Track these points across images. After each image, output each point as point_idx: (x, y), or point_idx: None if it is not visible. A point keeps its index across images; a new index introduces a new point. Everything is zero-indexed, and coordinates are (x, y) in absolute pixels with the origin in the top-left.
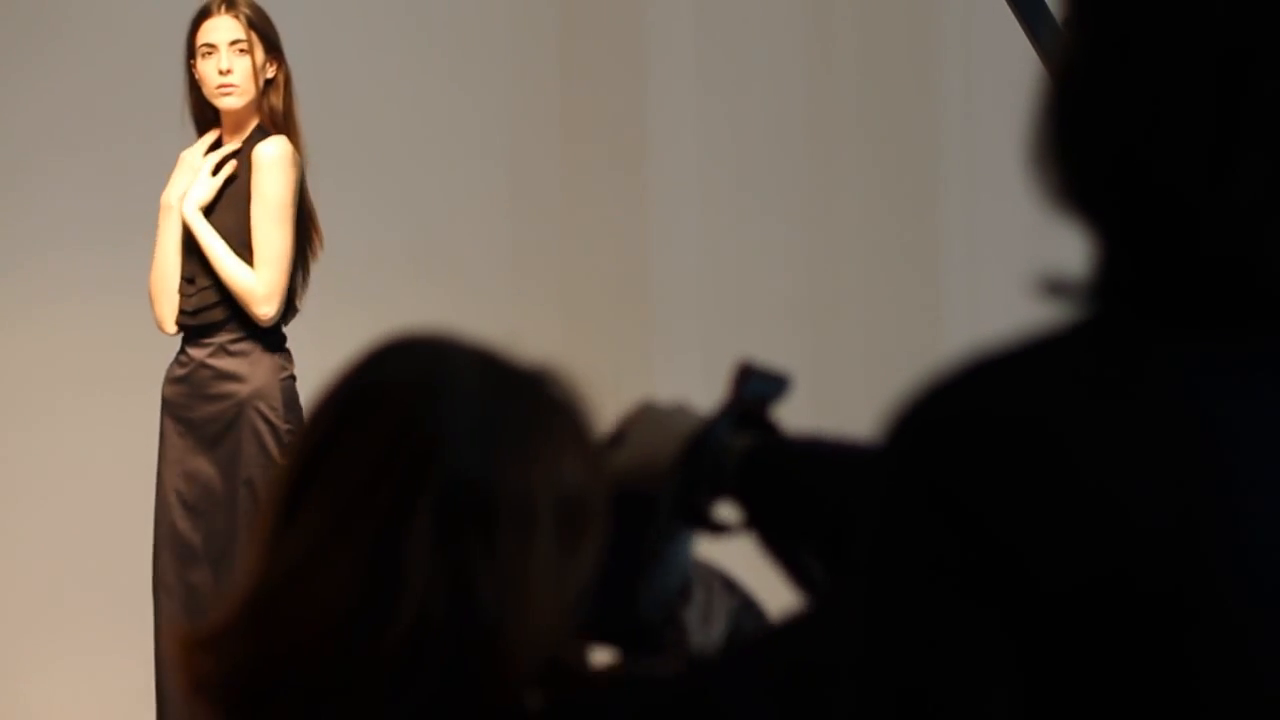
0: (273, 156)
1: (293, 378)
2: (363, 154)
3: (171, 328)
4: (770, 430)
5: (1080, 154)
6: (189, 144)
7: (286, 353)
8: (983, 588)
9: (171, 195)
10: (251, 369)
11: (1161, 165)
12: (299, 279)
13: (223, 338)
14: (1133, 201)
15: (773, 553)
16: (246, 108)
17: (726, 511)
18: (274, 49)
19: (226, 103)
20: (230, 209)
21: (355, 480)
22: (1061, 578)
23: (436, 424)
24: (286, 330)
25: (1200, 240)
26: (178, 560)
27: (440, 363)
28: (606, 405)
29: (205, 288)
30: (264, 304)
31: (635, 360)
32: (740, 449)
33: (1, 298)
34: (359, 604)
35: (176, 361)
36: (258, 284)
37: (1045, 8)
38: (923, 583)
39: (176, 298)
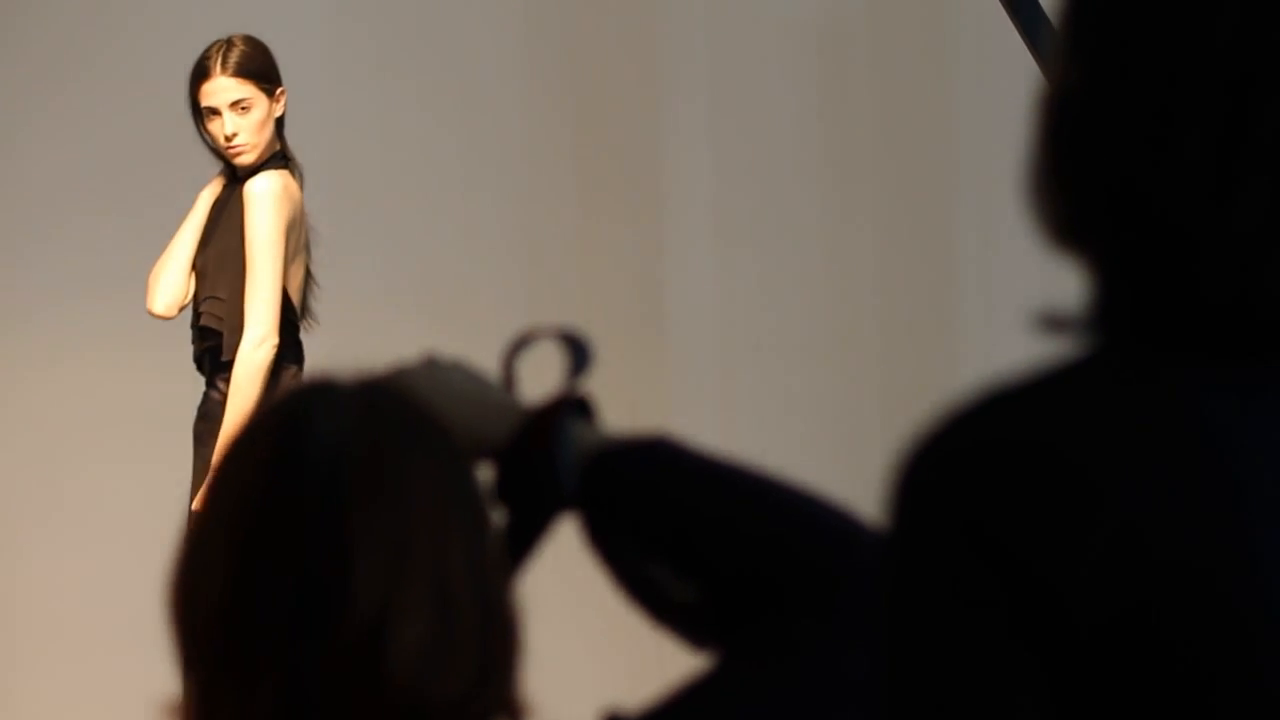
0: (259, 192)
1: None
2: (375, 194)
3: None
4: (589, 413)
5: (1079, 184)
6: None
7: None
8: (1021, 622)
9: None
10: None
11: (1161, 195)
12: (297, 313)
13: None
14: (1132, 233)
15: (617, 560)
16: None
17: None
18: (275, 83)
19: (241, 161)
20: (225, 236)
21: (246, 479)
22: (1090, 610)
23: (312, 428)
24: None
25: (1200, 279)
26: None
27: (317, 393)
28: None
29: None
30: (258, 349)
31: (652, 395)
32: (591, 449)
33: (25, 345)
34: (238, 585)
35: (201, 400)
36: (247, 337)
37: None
38: (959, 617)
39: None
